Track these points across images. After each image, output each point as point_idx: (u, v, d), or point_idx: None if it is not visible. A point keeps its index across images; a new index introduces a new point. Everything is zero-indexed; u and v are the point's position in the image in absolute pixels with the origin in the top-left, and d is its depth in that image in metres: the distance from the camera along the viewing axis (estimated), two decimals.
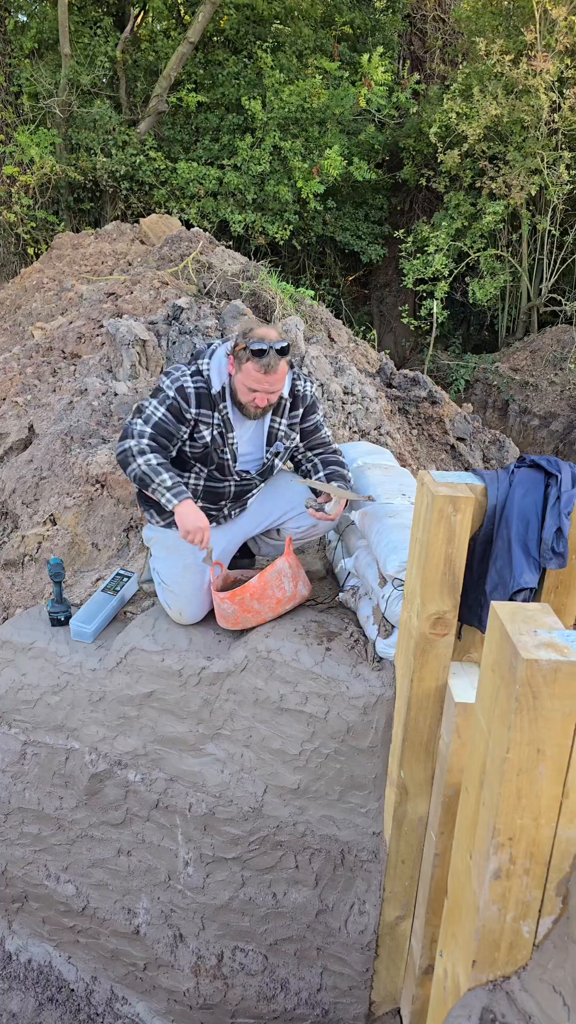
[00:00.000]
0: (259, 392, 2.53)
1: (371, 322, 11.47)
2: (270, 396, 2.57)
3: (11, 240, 9.67)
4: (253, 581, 2.55)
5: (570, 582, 2.15)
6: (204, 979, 2.82)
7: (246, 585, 2.56)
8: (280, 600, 2.59)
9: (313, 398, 2.77)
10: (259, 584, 2.55)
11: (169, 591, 2.74)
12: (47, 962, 3.17)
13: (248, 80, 10.27)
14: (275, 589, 2.57)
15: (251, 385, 2.52)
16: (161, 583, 2.77)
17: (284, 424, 2.72)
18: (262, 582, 2.55)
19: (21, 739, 2.90)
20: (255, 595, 2.55)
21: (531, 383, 9.08)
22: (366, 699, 2.37)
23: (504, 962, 1.67)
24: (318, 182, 9.49)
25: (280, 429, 2.72)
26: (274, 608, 2.60)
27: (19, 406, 4.34)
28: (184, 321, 4.57)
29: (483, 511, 2.11)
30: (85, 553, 3.33)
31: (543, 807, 1.52)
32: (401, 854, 2.38)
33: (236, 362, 2.54)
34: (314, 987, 2.70)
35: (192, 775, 2.67)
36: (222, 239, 8.57)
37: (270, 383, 2.52)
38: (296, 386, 2.72)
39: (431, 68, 11.14)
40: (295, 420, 2.75)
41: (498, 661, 1.52)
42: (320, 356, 4.61)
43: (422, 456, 4.84)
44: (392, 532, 2.43)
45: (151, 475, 2.52)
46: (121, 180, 9.78)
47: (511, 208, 9.08)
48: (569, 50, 8.68)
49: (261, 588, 2.55)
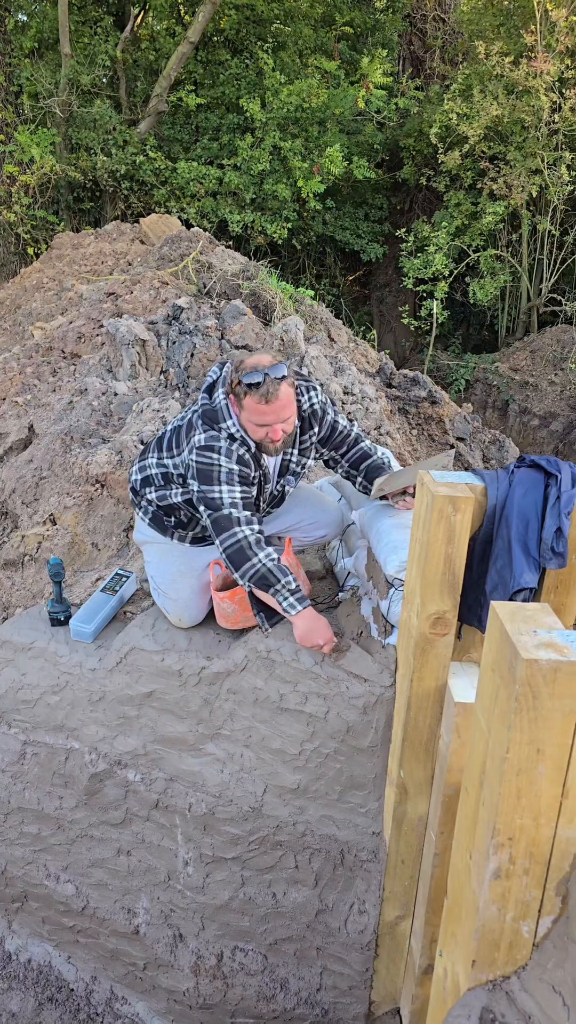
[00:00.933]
0: (269, 426, 2.32)
1: (371, 322, 11.48)
2: (284, 426, 2.35)
3: (11, 240, 9.67)
4: None
5: (570, 582, 2.15)
6: (204, 979, 2.82)
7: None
8: None
9: (321, 407, 2.55)
10: None
11: (166, 597, 2.72)
12: (47, 962, 3.17)
13: (248, 81, 10.27)
14: None
15: (258, 420, 2.31)
16: (157, 588, 2.75)
17: (295, 453, 2.54)
18: None
19: (21, 739, 2.90)
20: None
21: (531, 383, 9.09)
22: (366, 699, 2.37)
23: (504, 962, 1.67)
24: (318, 181, 9.49)
25: (292, 460, 2.54)
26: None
27: (19, 406, 4.34)
28: (184, 321, 4.57)
29: (483, 511, 2.11)
30: (85, 553, 3.33)
31: (543, 807, 1.52)
32: (401, 854, 2.38)
33: (236, 401, 2.35)
34: (314, 987, 2.70)
35: (192, 775, 2.67)
36: (222, 239, 8.58)
37: (276, 412, 2.30)
38: (300, 405, 2.49)
39: (431, 68, 11.15)
40: (308, 444, 2.55)
41: (498, 661, 1.52)
42: (320, 356, 4.62)
43: (422, 456, 4.85)
44: (392, 532, 2.43)
45: (276, 575, 2.31)
46: (121, 180, 9.78)
47: (511, 208, 9.09)
48: (570, 51, 8.69)
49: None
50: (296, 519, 2.75)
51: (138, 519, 2.78)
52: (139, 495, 2.70)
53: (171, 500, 2.59)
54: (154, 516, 2.69)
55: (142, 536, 2.79)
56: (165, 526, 2.69)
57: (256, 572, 2.33)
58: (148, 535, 2.75)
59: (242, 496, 2.37)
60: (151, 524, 2.71)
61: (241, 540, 2.33)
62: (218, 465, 2.35)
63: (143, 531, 2.77)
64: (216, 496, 2.35)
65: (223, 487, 2.35)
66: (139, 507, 2.74)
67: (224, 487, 2.35)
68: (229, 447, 2.36)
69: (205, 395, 2.46)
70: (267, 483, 2.50)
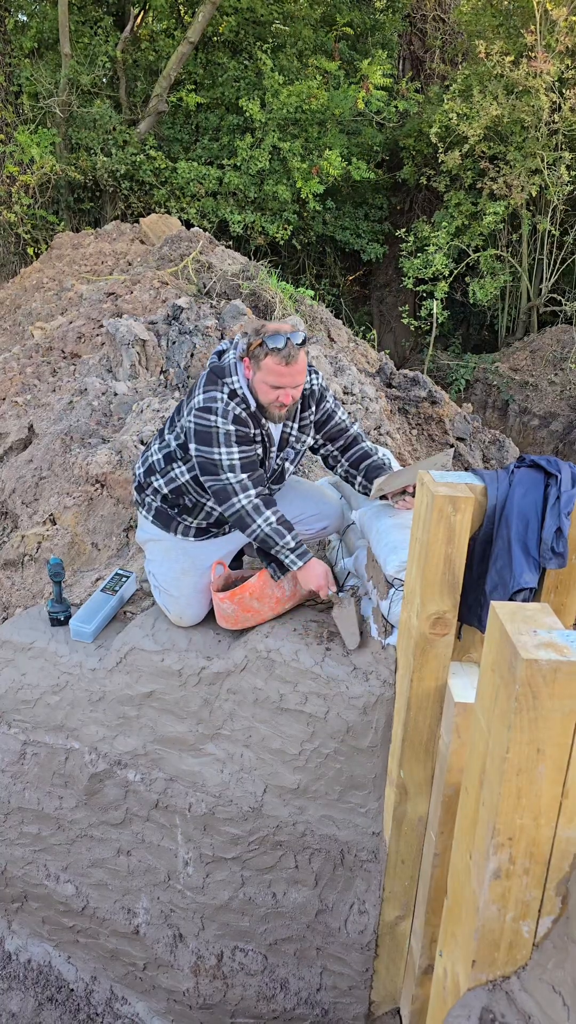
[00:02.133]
0: (283, 388, 2.39)
1: (371, 322, 11.48)
2: (294, 392, 2.43)
3: (11, 240, 9.68)
4: (252, 580, 2.55)
5: (570, 582, 2.15)
6: (204, 979, 2.82)
7: (245, 584, 2.55)
8: (280, 599, 2.59)
9: (321, 388, 2.63)
10: (259, 583, 2.54)
11: (167, 595, 2.72)
12: (47, 962, 3.17)
13: (248, 81, 10.27)
14: (275, 588, 2.56)
15: (273, 382, 2.38)
16: (158, 586, 2.76)
17: (295, 428, 2.61)
18: (262, 581, 2.54)
19: (21, 739, 2.90)
20: (254, 594, 2.55)
21: (531, 383, 9.09)
22: (366, 699, 2.37)
23: (504, 962, 1.67)
24: (317, 182, 9.49)
25: (292, 434, 2.61)
26: (274, 607, 2.59)
27: (19, 406, 4.34)
28: (184, 321, 4.57)
29: (483, 511, 2.11)
30: (85, 553, 3.33)
31: (543, 807, 1.52)
32: (401, 854, 2.38)
33: (253, 362, 2.41)
34: (314, 987, 2.70)
35: (192, 775, 2.67)
36: (222, 239, 8.58)
37: (292, 375, 2.38)
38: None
39: (431, 68, 11.15)
40: (307, 421, 2.64)
41: (498, 661, 1.52)
42: (320, 356, 4.61)
43: (422, 456, 4.85)
44: (392, 532, 2.43)
45: (275, 537, 2.45)
46: (121, 180, 9.78)
47: (511, 208, 9.09)
48: (569, 51, 8.69)
49: (261, 587, 2.55)
50: (298, 511, 2.77)
51: (140, 518, 2.80)
52: (144, 490, 2.73)
53: (178, 480, 2.63)
54: (158, 512, 2.71)
55: (145, 535, 2.81)
56: (170, 519, 2.70)
57: (257, 536, 2.46)
58: (151, 533, 2.76)
59: (241, 458, 2.43)
60: (155, 521, 2.72)
61: (239, 509, 2.45)
62: (215, 427, 2.41)
63: (146, 529, 2.79)
64: (216, 458, 2.42)
65: (222, 449, 2.41)
66: (142, 505, 2.76)
67: (223, 448, 2.41)
68: (226, 407, 2.42)
69: (215, 357, 2.53)
70: (272, 446, 2.55)
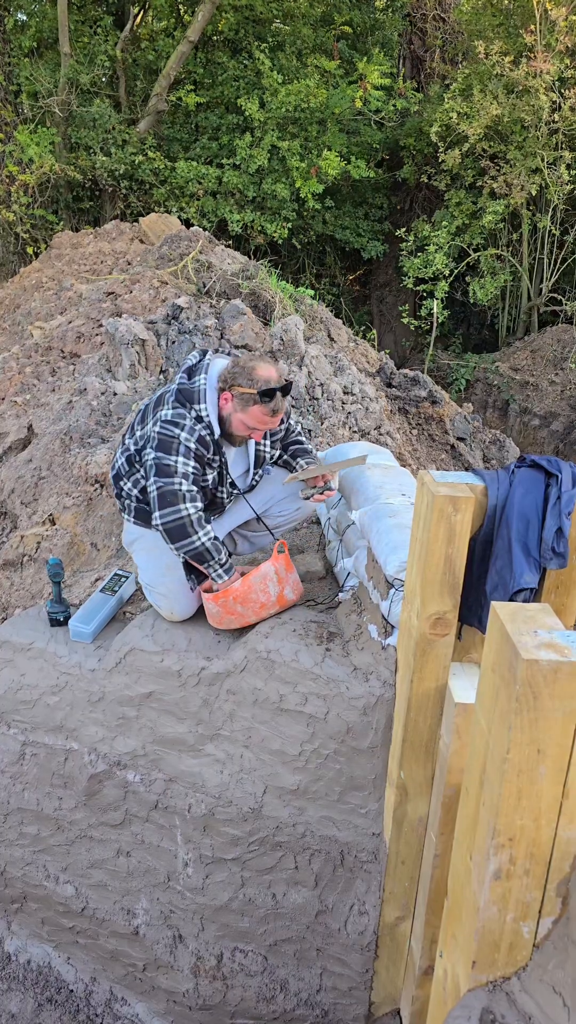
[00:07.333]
0: (259, 430, 2.57)
1: (371, 322, 11.47)
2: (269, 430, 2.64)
3: (10, 239, 9.67)
4: (236, 585, 2.56)
5: (570, 582, 2.14)
6: (203, 980, 2.81)
7: (229, 588, 2.57)
8: (264, 604, 2.59)
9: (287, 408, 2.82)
10: (242, 588, 2.56)
11: (156, 592, 2.76)
12: (46, 963, 3.16)
13: (248, 80, 10.27)
14: (259, 593, 2.57)
15: (254, 426, 2.55)
16: (147, 585, 2.79)
17: (267, 445, 2.76)
18: (245, 586, 2.55)
19: (20, 739, 2.90)
20: (238, 599, 2.56)
21: (531, 383, 9.08)
22: (366, 699, 2.37)
23: (504, 963, 1.66)
24: (316, 181, 9.49)
25: (266, 451, 2.76)
26: (257, 612, 2.60)
27: (18, 406, 4.34)
28: (183, 320, 4.56)
29: (483, 511, 2.10)
30: (84, 553, 3.33)
31: (543, 807, 1.52)
32: (401, 855, 2.37)
33: (239, 403, 2.53)
34: (314, 988, 2.70)
35: (191, 776, 2.67)
36: (221, 238, 8.57)
37: (275, 422, 2.57)
38: None
39: (431, 67, 11.14)
40: (276, 437, 2.80)
41: (498, 661, 1.52)
42: (320, 356, 4.61)
43: (422, 456, 4.84)
44: (392, 532, 2.42)
45: (213, 553, 2.54)
46: (120, 179, 9.77)
47: (512, 207, 9.08)
48: (569, 50, 8.68)
49: (244, 592, 2.56)
50: (268, 495, 2.86)
51: (124, 521, 2.84)
52: (121, 493, 2.77)
53: (144, 483, 2.67)
54: (137, 511, 2.74)
55: (130, 537, 2.83)
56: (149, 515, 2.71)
57: (194, 549, 2.51)
58: (135, 533, 2.79)
59: (193, 471, 2.53)
60: (136, 520, 2.75)
61: (184, 517, 2.48)
62: (178, 439, 2.49)
63: (130, 531, 2.82)
64: (171, 463, 2.48)
65: (179, 458, 2.49)
66: (123, 508, 2.79)
67: (180, 458, 2.49)
68: (193, 426, 2.52)
69: (184, 376, 2.61)
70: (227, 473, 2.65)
